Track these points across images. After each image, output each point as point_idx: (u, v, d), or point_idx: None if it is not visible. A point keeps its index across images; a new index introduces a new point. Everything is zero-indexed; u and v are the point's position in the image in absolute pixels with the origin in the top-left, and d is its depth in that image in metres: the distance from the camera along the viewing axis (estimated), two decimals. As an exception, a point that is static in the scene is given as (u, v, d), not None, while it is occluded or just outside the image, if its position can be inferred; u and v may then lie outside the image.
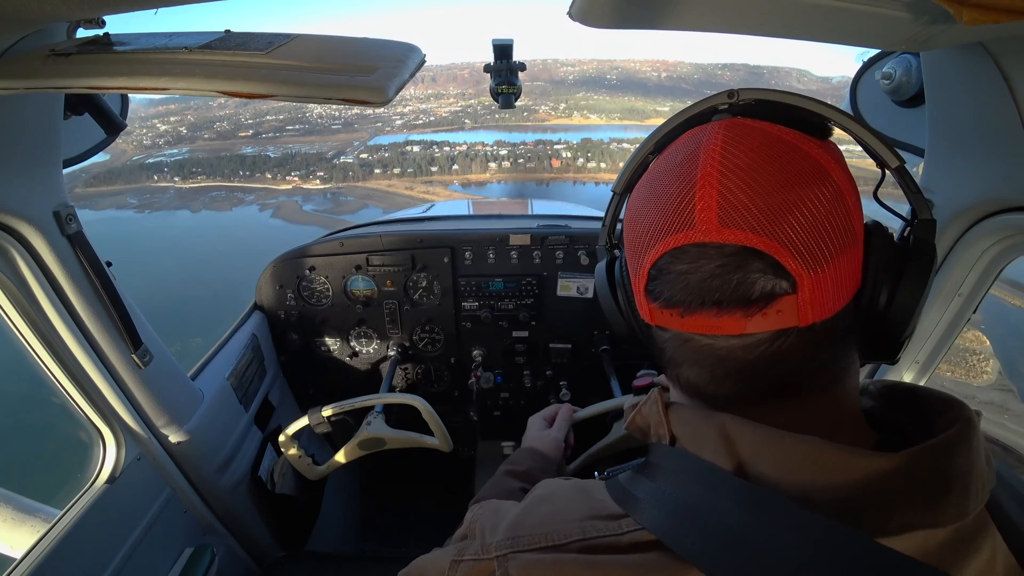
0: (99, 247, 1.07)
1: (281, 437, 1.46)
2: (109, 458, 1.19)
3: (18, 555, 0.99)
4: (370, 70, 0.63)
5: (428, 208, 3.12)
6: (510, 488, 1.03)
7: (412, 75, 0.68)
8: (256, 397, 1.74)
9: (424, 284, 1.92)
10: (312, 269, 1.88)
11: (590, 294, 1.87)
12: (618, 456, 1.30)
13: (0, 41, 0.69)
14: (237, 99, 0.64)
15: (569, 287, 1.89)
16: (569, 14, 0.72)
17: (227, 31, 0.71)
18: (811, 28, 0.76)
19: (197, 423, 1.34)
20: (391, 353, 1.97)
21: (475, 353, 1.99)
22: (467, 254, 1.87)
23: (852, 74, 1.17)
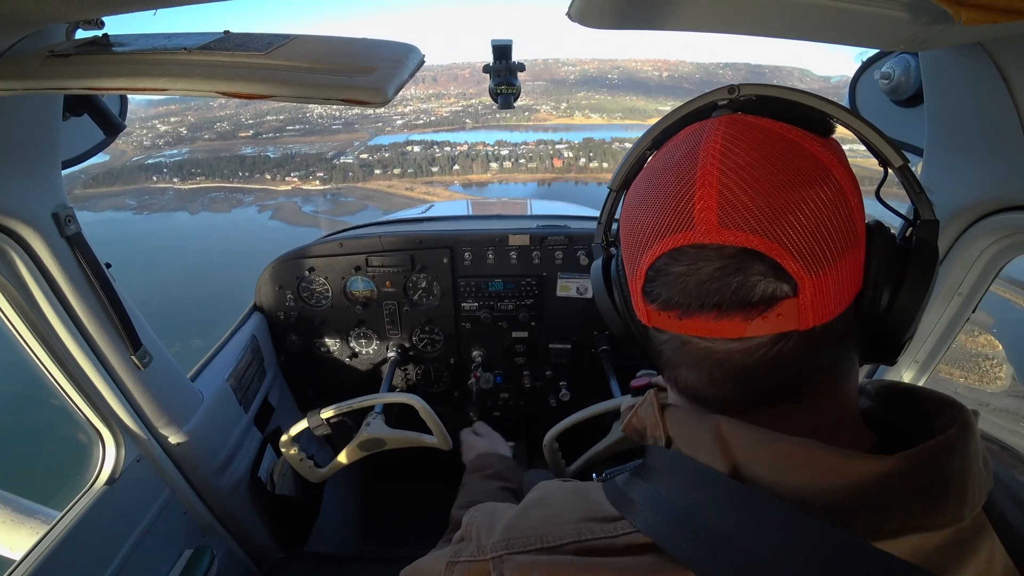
0: (98, 248, 1.07)
1: (283, 439, 1.46)
2: (108, 459, 1.18)
3: (17, 556, 0.99)
4: (369, 71, 0.63)
5: (427, 209, 3.12)
6: (492, 489, 1.12)
7: (411, 75, 0.68)
8: (256, 398, 1.74)
9: (423, 285, 1.92)
10: (311, 270, 1.88)
11: (589, 294, 1.87)
12: (619, 456, 1.30)
13: (-1, 42, 0.70)
14: (237, 99, 0.64)
15: (568, 287, 1.89)
16: (568, 15, 0.72)
17: (226, 32, 0.71)
18: (810, 28, 0.77)
19: (197, 424, 1.34)
20: (391, 354, 1.97)
21: (475, 353, 1.99)
22: (466, 255, 1.87)
23: (851, 74, 1.18)
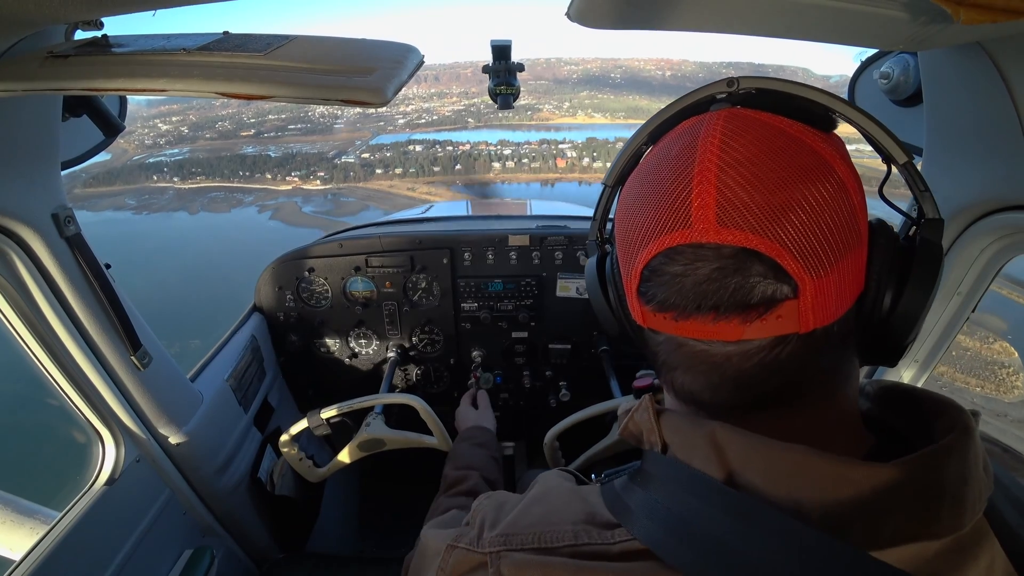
0: (97, 248, 1.07)
1: (282, 438, 1.46)
2: (108, 460, 1.18)
3: (17, 557, 0.99)
4: (368, 71, 0.63)
5: (427, 209, 3.12)
6: (481, 455, 1.26)
7: (411, 76, 0.68)
8: (255, 398, 1.73)
9: (423, 285, 1.92)
10: (311, 271, 1.88)
11: None
12: (618, 456, 1.31)
13: (-2, 43, 0.70)
14: (238, 99, 0.64)
15: (568, 288, 1.89)
16: (567, 15, 0.72)
17: (225, 32, 0.71)
18: (809, 28, 0.77)
19: (196, 425, 1.34)
20: (390, 354, 1.97)
21: (474, 354, 1.99)
22: (466, 255, 1.87)
23: (851, 73, 1.17)
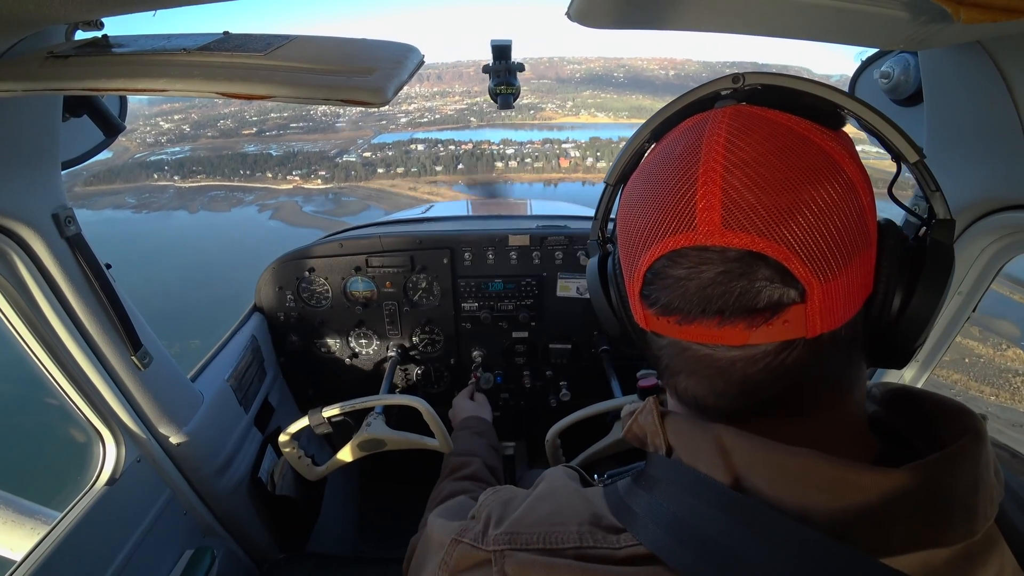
0: (96, 249, 1.07)
1: (282, 437, 1.46)
2: (109, 460, 1.18)
3: (18, 557, 0.99)
4: (368, 71, 0.63)
5: (427, 209, 3.12)
6: (480, 443, 1.33)
7: (411, 76, 0.68)
8: (256, 399, 1.73)
9: (423, 285, 1.92)
10: (311, 271, 1.88)
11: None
12: (619, 456, 1.31)
13: (-2, 43, 0.70)
14: (239, 99, 0.64)
15: (568, 287, 1.89)
16: (567, 14, 0.72)
17: (225, 32, 0.71)
18: (809, 28, 0.77)
19: (197, 425, 1.34)
20: (391, 354, 1.97)
21: (475, 354, 1.99)
22: (466, 255, 1.87)
23: (851, 73, 1.17)
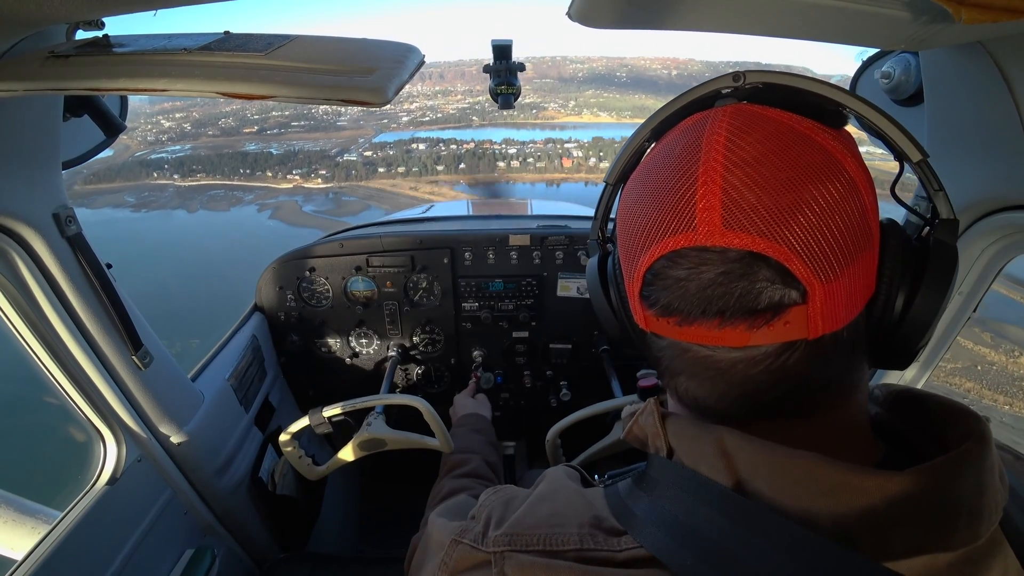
0: (95, 249, 1.07)
1: (282, 436, 1.46)
2: (110, 459, 1.18)
3: (19, 557, 0.99)
4: (369, 71, 0.63)
5: (428, 209, 3.12)
6: (480, 439, 1.36)
7: (411, 75, 0.68)
8: (256, 398, 1.74)
9: (424, 285, 1.92)
10: (312, 270, 1.88)
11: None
12: (619, 456, 1.31)
13: (-1, 43, 0.70)
14: (239, 99, 0.64)
15: (569, 287, 1.89)
16: (568, 14, 0.72)
17: (226, 32, 0.71)
18: (810, 28, 0.76)
19: (197, 424, 1.34)
20: (391, 354, 1.97)
21: (475, 354, 1.99)
22: (467, 255, 1.87)
23: (851, 72, 1.17)
